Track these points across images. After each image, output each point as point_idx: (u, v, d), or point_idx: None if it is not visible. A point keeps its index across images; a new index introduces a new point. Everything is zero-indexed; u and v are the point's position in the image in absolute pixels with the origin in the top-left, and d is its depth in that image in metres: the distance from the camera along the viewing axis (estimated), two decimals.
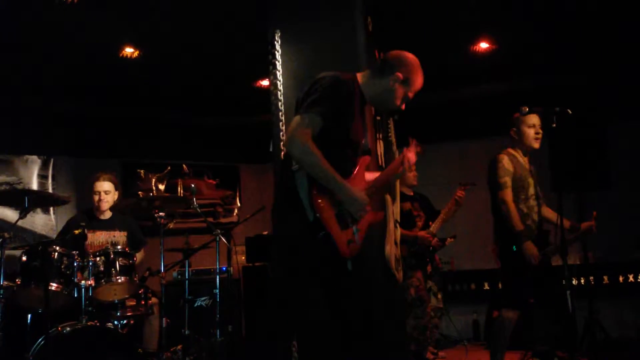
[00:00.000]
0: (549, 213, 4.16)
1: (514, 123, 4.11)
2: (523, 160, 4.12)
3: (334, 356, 2.74)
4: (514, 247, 3.88)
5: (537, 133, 4.05)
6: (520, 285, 3.94)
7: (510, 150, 4.13)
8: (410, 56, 2.86)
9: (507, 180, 3.98)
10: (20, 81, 6.38)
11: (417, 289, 5.02)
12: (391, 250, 3.61)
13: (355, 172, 2.79)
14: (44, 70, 6.16)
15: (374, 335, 2.76)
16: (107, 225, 4.75)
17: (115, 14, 5.05)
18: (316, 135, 2.60)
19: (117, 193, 4.80)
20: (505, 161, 4.04)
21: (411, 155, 2.99)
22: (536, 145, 4.08)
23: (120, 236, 4.73)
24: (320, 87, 2.66)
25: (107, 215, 4.80)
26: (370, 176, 2.93)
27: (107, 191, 4.71)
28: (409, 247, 5.07)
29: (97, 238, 4.65)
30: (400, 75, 2.80)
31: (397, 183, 4.21)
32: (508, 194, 3.97)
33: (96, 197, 4.70)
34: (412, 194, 5.45)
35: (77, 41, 5.49)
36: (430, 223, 5.23)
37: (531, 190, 4.06)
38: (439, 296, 5.36)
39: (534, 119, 4.04)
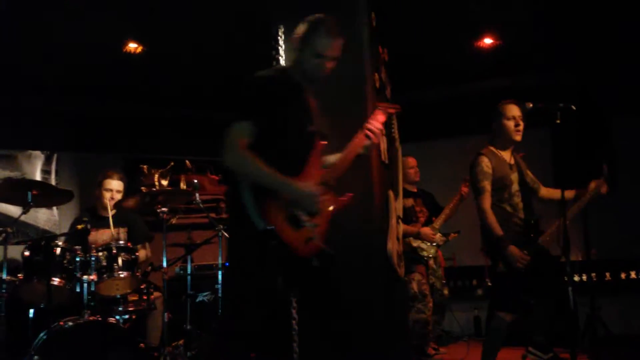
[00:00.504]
0: (549, 192, 4.01)
1: (494, 116, 3.91)
2: (503, 156, 3.90)
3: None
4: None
5: (517, 125, 3.82)
6: (515, 289, 3.73)
7: (490, 148, 3.91)
8: (302, 25, 2.79)
9: (486, 184, 3.78)
10: (21, 79, 6.37)
11: (419, 283, 5.03)
12: (393, 246, 3.62)
13: (309, 161, 2.70)
14: (44, 68, 6.16)
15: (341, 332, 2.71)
16: (111, 223, 4.75)
17: (117, 11, 5.05)
18: (254, 139, 2.55)
19: (123, 192, 4.84)
20: (485, 163, 3.81)
21: (376, 123, 2.91)
22: (517, 137, 3.85)
23: (122, 232, 4.74)
24: (246, 91, 2.68)
25: (111, 212, 4.79)
26: (331, 158, 2.86)
27: (118, 190, 4.76)
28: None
29: (101, 236, 4.65)
30: (295, 42, 2.77)
31: (400, 179, 4.21)
32: (486, 201, 3.77)
33: (107, 195, 4.71)
34: (415, 190, 5.45)
35: (78, 40, 5.49)
36: (434, 219, 5.23)
37: (514, 187, 3.83)
38: (445, 292, 5.36)
39: (514, 111, 3.82)
